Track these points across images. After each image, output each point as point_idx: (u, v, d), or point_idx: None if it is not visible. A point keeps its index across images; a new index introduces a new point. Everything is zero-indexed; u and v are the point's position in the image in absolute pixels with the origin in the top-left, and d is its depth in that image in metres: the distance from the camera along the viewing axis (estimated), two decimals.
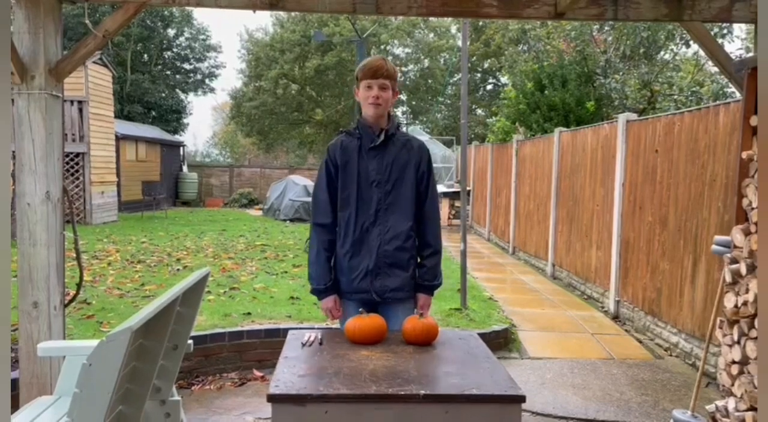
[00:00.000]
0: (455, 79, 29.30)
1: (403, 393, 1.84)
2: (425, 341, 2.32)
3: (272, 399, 1.82)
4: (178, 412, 2.61)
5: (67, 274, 3.78)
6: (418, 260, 2.66)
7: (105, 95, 15.26)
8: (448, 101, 29.80)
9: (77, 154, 13.83)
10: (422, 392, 1.85)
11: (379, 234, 2.56)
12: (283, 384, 1.89)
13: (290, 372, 1.99)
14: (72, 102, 13.44)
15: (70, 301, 3.52)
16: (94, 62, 14.35)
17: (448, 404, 1.87)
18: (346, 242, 2.59)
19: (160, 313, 1.97)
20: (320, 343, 2.32)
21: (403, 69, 30.49)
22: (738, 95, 5.15)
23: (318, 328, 4.10)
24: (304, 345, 2.30)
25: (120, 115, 22.07)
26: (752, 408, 2.70)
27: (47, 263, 3.11)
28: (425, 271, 2.65)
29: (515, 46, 15.20)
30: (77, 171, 13.91)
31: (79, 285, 3.51)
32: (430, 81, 29.53)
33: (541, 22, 12.95)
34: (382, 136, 2.58)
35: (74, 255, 3.53)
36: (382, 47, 29.23)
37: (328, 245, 2.63)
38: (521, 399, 1.88)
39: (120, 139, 17.24)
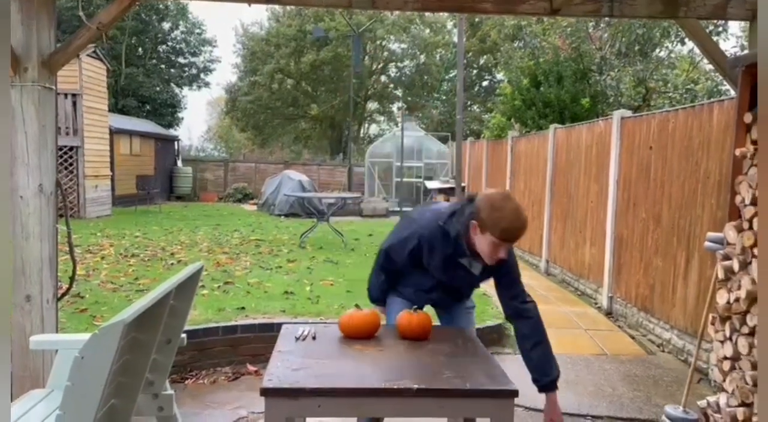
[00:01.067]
0: (451, 75, 29.30)
1: (396, 387, 1.85)
2: (420, 336, 2.32)
3: (265, 392, 1.82)
4: (171, 406, 2.61)
5: (60, 268, 3.76)
6: (524, 353, 2.53)
7: (99, 89, 15.18)
8: (444, 97, 29.80)
9: (71, 148, 13.76)
10: (416, 386, 1.85)
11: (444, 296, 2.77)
12: (277, 377, 1.89)
13: (284, 366, 1.99)
14: (66, 95, 13.36)
15: (63, 295, 3.51)
16: (88, 55, 14.26)
17: (441, 398, 1.88)
18: (409, 289, 2.74)
19: (153, 307, 1.97)
20: (314, 338, 2.32)
21: (399, 65, 30.48)
22: (732, 93, 5.17)
23: (312, 323, 4.10)
24: (297, 339, 2.30)
25: (114, 108, 21.95)
26: (744, 404, 2.71)
27: (40, 256, 3.10)
28: (534, 366, 2.45)
29: (511, 42, 15.18)
30: (71, 164, 13.84)
31: (72, 279, 3.49)
32: (425, 77, 29.51)
33: (537, 18, 12.95)
34: (479, 267, 2.54)
35: (67, 248, 3.51)
36: (378, 43, 29.20)
37: (387, 281, 2.78)
38: (514, 393, 1.89)
39: (114, 132, 17.15)
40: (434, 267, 2.60)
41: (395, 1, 3.33)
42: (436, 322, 2.66)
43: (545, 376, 2.42)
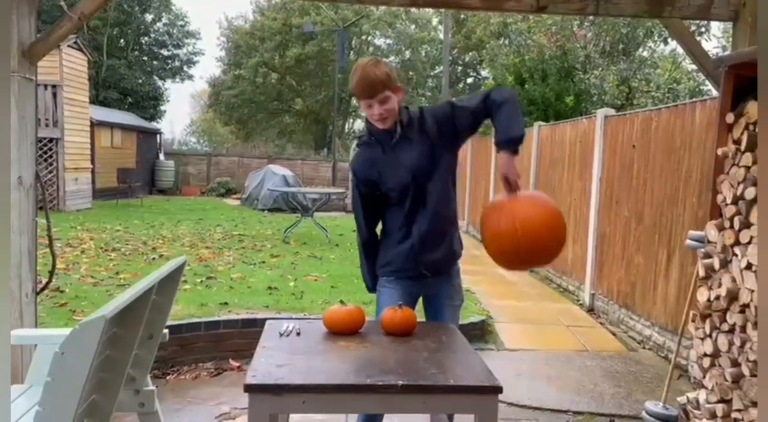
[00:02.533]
0: (436, 71, 29.33)
1: (381, 383, 1.84)
2: (404, 331, 2.31)
3: (249, 389, 1.80)
4: (153, 402, 2.58)
5: (40, 261, 3.71)
6: (492, 118, 2.49)
7: (80, 80, 14.96)
8: (429, 93, 29.81)
9: (51, 140, 13.55)
10: (400, 382, 1.85)
11: (423, 217, 2.53)
12: (261, 374, 1.88)
13: (267, 362, 1.98)
14: (46, 86, 13.14)
15: (42, 289, 3.46)
16: (69, 46, 14.05)
17: (426, 394, 1.88)
18: (397, 233, 2.59)
19: (135, 302, 1.94)
20: (298, 334, 2.31)
21: (384, 60, 30.43)
22: (714, 93, 5.23)
23: (296, 318, 4.08)
24: (282, 335, 2.29)
25: (95, 100, 21.66)
26: (723, 401, 2.75)
27: (19, 250, 3.05)
28: (499, 122, 2.39)
29: (496, 39, 15.22)
30: (51, 157, 13.64)
31: (51, 273, 3.44)
32: (411, 73, 29.49)
33: (523, 15, 12.99)
34: (399, 130, 2.48)
35: (47, 242, 3.46)
36: (364, 38, 29.12)
37: (371, 255, 2.70)
38: (498, 389, 1.89)
39: (95, 125, 16.93)
40: (386, 178, 2.52)
41: None
42: (422, 319, 2.66)
43: (504, 134, 2.39)
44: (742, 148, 2.77)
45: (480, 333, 5.24)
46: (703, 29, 11.68)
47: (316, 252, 8.78)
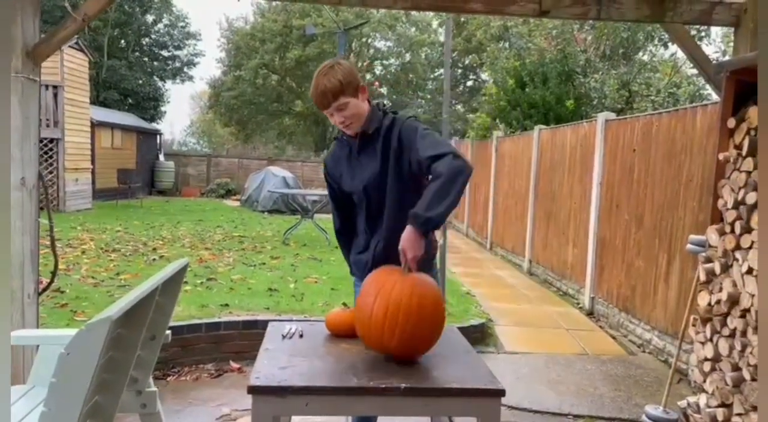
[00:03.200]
0: (436, 73, 29.36)
1: (383, 386, 1.85)
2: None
3: (253, 390, 1.81)
4: (155, 403, 2.59)
5: (41, 262, 3.71)
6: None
7: (81, 81, 14.97)
8: (429, 96, 29.84)
9: (51, 140, 13.55)
10: (403, 385, 1.85)
11: (376, 236, 2.47)
12: (264, 376, 1.88)
13: (271, 364, 1.98)
14: (47, 87, 13.14)
15: (44, 290, 3.46)
16: (70, 47, 14.05)
17: (428, 397, 1.88)
18: (360, 239, 2.57)
19: (139, 303, 1.95)
20: (300, 336, 2.31)
21: (384, 63, 30.45)
22: (714, 97, 5.24)
23: (298, 321, 4.09)
24: (284, 337, 2.29)
25: (96, 101, 21.65)
26: (723, 405, 2.76)
27: (21, 250, 3.05)
28: (423, 196, 2.14)
29: (497, 42, 15.25)
30: (51, 157, 13.64)
31: (53, 274, 3.44)
32: (411, 75, 29.52)
33: (524, 19, 13.02)
34: (358, 140, 2.42)
35: (48, 242, 3.46)
36: (364, 40, 29.14)
37: (346, 243, 2.68)
38: (501, 393, 1.90)
39: (95, 125, 16.93)
40: (345, 181, 2.50)
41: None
42: None
43: (420, 209, 2.11)
44: (744, 152, 2.79)
45: (480, 335, 5.24)
46: (703, 34, 11.71)
47: (316, 254, 8.79)
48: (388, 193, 2.40)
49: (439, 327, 2.04)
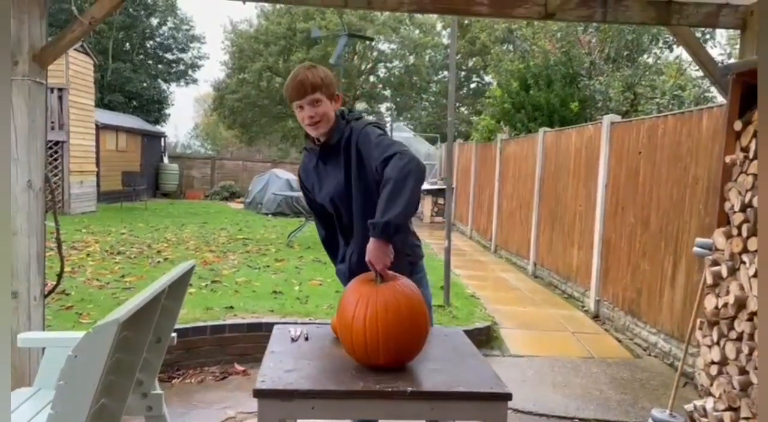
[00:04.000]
0: (440, 76, 29.35)
1: (389, 389, 1.84)
2: None
3: (259, 394, 1.81)
4: (161, 406, 2.59)
5: (47, 265, 3.71)
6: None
7: (86, 83, 15.03)
8: (433, 98, 29.83)
9: (56, 143, 13.60)
10: (409, 389, 1.85)
11: (350, 247, 2.47)
12: (270, 379, 1.88)
13: (277, 367, 1.98)
14: (52, 89, 13.19)
15: (50, 292, 3.47)
16: (75, 49, 14.09)
17: (434, 401, 1.88)
18: (342, 249, 2.58)
19: (146, 306, 1.95)
20: (306, 339, 2.31)
21: (388, 65, 30.46)
22: (720, 99, 5.23)
23: (303, 323, 4.09)
24: (290, 340, 2.29)
25: (100, 103, 21.73)
26: (730, 408, 2.74)
27: (28, 253, 3.06)
28: (378, 203, 2.09)
29: (501, 45, 15.25)
30: (56, 160, 13.68)
31: (59, 276, 3.45)
32: (414, 78, 29.51)
33: (528, 21, 13.02)
34: (319, 151, 2.42)
35: (54, 245, 3.47)
36: (368, 43, 29.14)
37: (333, 251, 2.67)
38: (507, 396, 1.89)
39: (100, 128, 16.98)
40: (316, 191, 2.49)
41: (391, 2, 3.33)
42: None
43: (377, 217, 2.05)
44: (750, 155, 2.78)
45: (485, 338, 5.23)
46: (708, 36, 11.68)
47: (321, 256, 8.77)
48: (353, 203, 2.37)
49: (422, 332, 2.00)
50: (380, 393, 1.85)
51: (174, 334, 2.63)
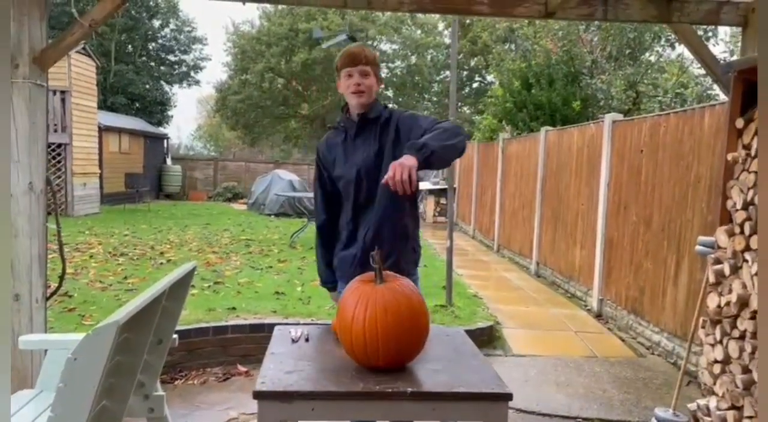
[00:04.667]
0: (442, 76, 29.34)
1: (390, 390, 1.84)
2: None
3: (258, 395, 1.80)
4: (162, 407, 2.59)
5: (49, 266, 3.72)
6: None
7: (88, 85, 15.06)
8: (435, 98, 29.82)
9: (59, 145, 13.64)
10: (409, 389, 1.84)
11: (366, 222, 2.49)
12: (270, 380, 1.87)
13: (277, 369, 1.98)
14: (54, 92, 13.24)
15: (52, 294, 3.47)
16: (77, 52, 14.15)
17: (435, 401, 1.87)
18: (343, 233, 2.58)
19: (146, 307, 1.95)
20: (306, 339, 2.31)
21: (390, 65, 30.45)
22: (722, 97, 5.21)
23: (304, 324, 4.08)
24: (291, 341, 2.29)
25: (103, 105, 21.78)
26: (733, 407, 2.73)
27: (29, 255, 3.06)
28: (427, 137, 2.20)
29: (502, 44, 15.23)
30: (59, 162, 13.72)
31: (61, 278, 3.45)
32: (416, 78, 29.50)
33: (529, 20, 13.00)
34: (357, 120, 2.48)
35: (55, 247, 3.48)
36: (370, 43, 29.14)
37: (329, 243, 2.66)
38: (508, 397, 1.89)
39: (103, 130, 17.02)
40: (338, 165, 2.51)
41: (391, 2, 3.32)
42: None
43: (419, 142, 2.13)
44: (752, 153, 2.76)
45: (487, 338, 5.22)
46: (710, 34, 11.64)
47: None
48: (381, 175, 2.35)
49: (422, 333, 2.00)
50: (380, 394, 1.84)
51: (175, 336, 2.63)
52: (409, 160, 2.05)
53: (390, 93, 30.21)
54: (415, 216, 2.62)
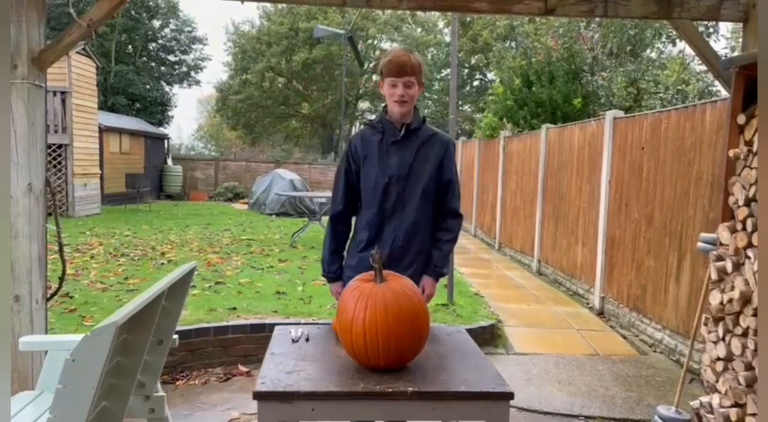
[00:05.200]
0: (443, 74, 29.32)
1: (390, 390, 1.83)
2: None
3: (258, 396, 1.80)
4: (163, 408, 2.58)
5: (49, 267, 3.72)
6: (436, 243, 2.65)
7: (88, 86, 15.06)
8: (435, 96, 29.80)
9: (60, 146, 13.64)
10: (410, 389, 1.84)
11: (393, 229, 2.57)
12: (270, 381, 1.87)
13: (277, 369, 1.97)
14: (55, 93, 13.23)
15: (53, 295, 3.46)
16: (77, 52, 14.14)
17: (435, 401, 1.87)
18: (362, 234, 2.62)
19: (145, 308, 1.94)
20: (307, 339, 2.30)
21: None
22: (724, 93, 5.20)
23: (305, 324, 4.08)
24: (291, 341, 2.28)
25: (104, 106, 21.80)
26: (736, 405, 2.72)
27: (29, 256, 3.06)
28: (439, 257, 2.63)
29: (503, 42, 15.20)
30: (60, 163, 13.72)
31: (61, 279, 3.45)
32: None
33: (530, 18, 12.97)
34: (403, 131, 2.57)
35: (56, 248, 3.47)
36: (370, 41, 29.15)
37: (340, 234, 2.71)
38: (509, 395, 1.88)
39: (103, 130, 17.02)
40: (369, 164, 2.58)
41: (389, 0, 3.31)
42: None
43: (440, 268, 2.66)
44: (754, 149, 2.75)
45: (489, 337, 5.21)
46: (711, 30, 11.61)
47: None
48: (416, 183, 2.56)
49: (422, 333, 2.00)
50: (381, 394, 1.83)
51: (176, 336, 2.62)
52: (435, 285, 2.66)
53: None
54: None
